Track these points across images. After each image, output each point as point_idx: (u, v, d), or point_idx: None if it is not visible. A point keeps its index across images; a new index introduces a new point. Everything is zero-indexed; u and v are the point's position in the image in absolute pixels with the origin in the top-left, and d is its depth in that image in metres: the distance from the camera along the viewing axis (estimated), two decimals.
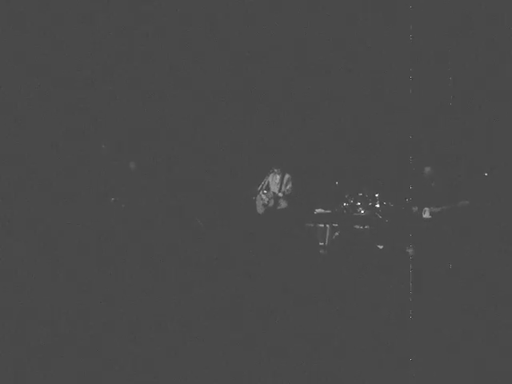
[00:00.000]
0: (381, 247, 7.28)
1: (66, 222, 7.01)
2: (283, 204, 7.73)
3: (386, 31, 7.67)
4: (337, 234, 7.70)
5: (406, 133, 8.07)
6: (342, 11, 7.65)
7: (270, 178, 7.84)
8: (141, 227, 7.29)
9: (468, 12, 6.75)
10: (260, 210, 7.84)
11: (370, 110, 8.27)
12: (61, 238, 6.72)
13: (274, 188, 7.77)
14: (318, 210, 8.06)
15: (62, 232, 6.85)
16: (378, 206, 7.56)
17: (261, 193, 7.75)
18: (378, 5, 7.47)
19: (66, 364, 2.98)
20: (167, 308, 4.19)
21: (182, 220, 7.88)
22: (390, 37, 7.71)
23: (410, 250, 6.88)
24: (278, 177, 7.80)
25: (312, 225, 7.96)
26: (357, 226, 7.61)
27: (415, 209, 7.08)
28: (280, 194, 7.70)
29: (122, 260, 6.17)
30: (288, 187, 7.73)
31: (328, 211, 7.94)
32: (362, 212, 7.63)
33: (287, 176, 7.78)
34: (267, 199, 7.72)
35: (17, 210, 6.99)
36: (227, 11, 7.88)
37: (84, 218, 7.13)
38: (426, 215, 6.91)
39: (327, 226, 7.80)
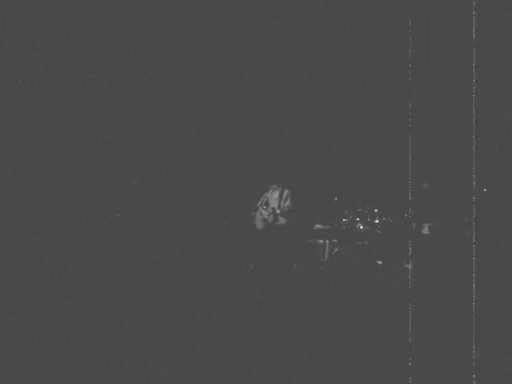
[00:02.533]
0: (380, 263, 7.28)
1: (67, 237, 7.03)
2: (282, 220, 7.72)
3: (384, 51, 7.73)
4: (336, 249, 7.70)
5: (405, 149, 8.11)
6: (334, 27, 7.70)
7: (269, 194, 7.84)
8: (140, 241, 7.28)
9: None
10: (259, 225, 7.83)
11: (369, 126, 8.33)
12: (62, 254, 6.72)
13: (274, 204, 7.77)
14: (318, 226, 8.07)
15: (63, 247, 6.85)
16: (377, 221, 7.58)
17: (260, 208, 7.75)
18: (374, 19, 7.52)
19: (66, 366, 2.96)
20: (165, 321, 4.16)
21: (180, 235, 7.88)
22: (387, 56, 7.78)
23: (409, 266, 6.87)
24: (277, 192, 7.81)
25: (311, 240, 7.96)
26: (356, 242, 7.61)
27: (414, 224, 7.09)
28: (278, 211, 7.70)
29: (122, 275, 6.15)
30: (287, 203, 7.73)
31: (327, 227, 7.95)
32: (362, 228, 7.64)
33: (286, 192, 7.79)
34: (266, 215, 7.72)
35: (17, 223, 6.99)
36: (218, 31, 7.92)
37: (87, 233, 7.15)
38: (425, 231, 6.92)
39: (326, 241, 7.80)
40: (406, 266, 6.91)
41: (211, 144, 8.73)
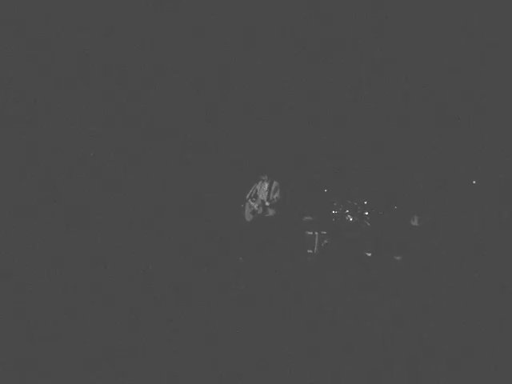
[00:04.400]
0: (369, 254, 7.29)
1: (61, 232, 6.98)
2: (271, 212, 7.68)
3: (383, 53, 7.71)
4: (325, 241, 7.69)
5: (395, 140, 8.12)
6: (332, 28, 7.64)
7: (258, 186, 7.80)
8: (130, 233, 7.23)
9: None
10: (248, 217, 7.79)
11: (359, 118, 8.30)
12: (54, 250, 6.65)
13: (263, 196, 7.73)
14: (307, 218, 8.05)
15: (55, 245, 6.79)
16: (366, 213, 7.58)
17: (249, 200, 7.70)
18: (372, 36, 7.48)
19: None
20: (157, 316, 4.11)
21: (170, 227, 7.82)
22: (379, 53, 7.76)
23: (398, 257, 6.89)
24: (267, 184, 7.77)
25: (301, 232, 7.94)
26: (345, 234, 7.61)
27: (404, 216, 7.10)
28: (267, 203, 7.66)
29: (112, 268, 6.09)
30: (276, 195, 7.69)
31: (316, 219, 7.94)
32: (351, 219, 7.64)
33: (275, 184, 7.75)
34: (256, 206, 7.68)
35: (11, 218, 6.92)
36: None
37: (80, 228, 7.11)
38: (415, 223, 6.93)
39: (316, 233, 7.79)
40: (396, 257, 6.92)
41: (201, 136, 8.66)
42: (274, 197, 7.67)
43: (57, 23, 7.19)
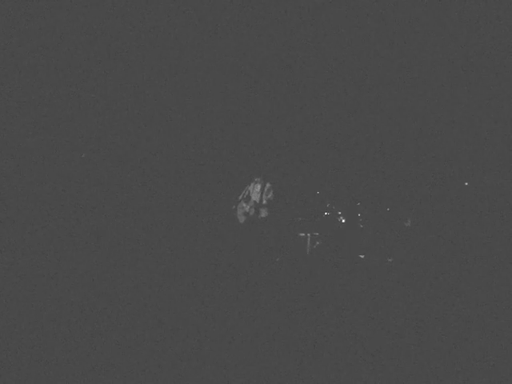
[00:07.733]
0: (362, 256, 7.27)
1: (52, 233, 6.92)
2: (264, 213, 7.64)
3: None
4: (318, 243, 7.67)
5: (388, 142, 8.12)
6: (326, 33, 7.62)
7: (250, 187, 7.76)
8: (122, 236, 7.18)
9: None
10: (241, 219, 7.75)
11: (352, 120, 8.30)
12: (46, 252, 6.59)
13: (255, 197, 7.69)
14: (299, 219, 8.02)
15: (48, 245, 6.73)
16: (359, 215, 7.57)
17: (242, 202, 7.66)
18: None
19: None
20: (150, 321, 4.07)
21: (163, 229, 7.77)
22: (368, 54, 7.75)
23: (391, 259, 6.88)
24: (259, 186, 7.73)
25: (293, 234, 7.91)
26: (338, 235, 7.60)
27: (397, 218, 7.10)
28: (260, 203, 7.62)
29: (104, 271, 6.03)
30: (269, 196, 7.65)
31: (309, 220, 7.92)
32: (344, 221, 7.63)
33: (268, 185, 7.71)
34: (248, 208, 7.64)
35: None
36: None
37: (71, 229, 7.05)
38: (408, 224, 6.93)
39: (308, 235, 7.76)
40: (389, 259, 6.91)
41: (193, 138, 8.63)
42: (267, 198, 7.64)
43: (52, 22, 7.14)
